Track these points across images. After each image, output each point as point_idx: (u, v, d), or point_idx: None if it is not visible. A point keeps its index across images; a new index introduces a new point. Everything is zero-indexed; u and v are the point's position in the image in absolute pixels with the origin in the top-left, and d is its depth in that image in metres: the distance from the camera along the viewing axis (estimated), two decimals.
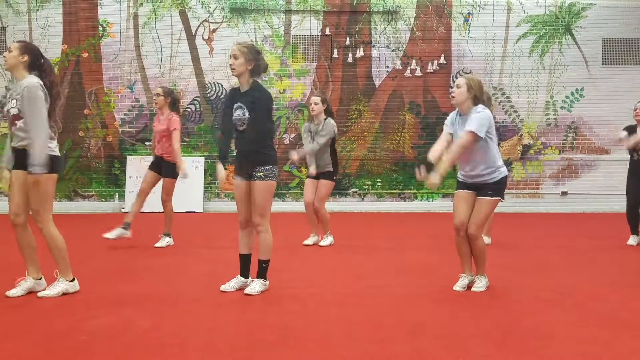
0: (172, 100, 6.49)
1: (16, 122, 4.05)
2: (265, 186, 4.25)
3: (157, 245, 6.27)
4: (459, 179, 4.47)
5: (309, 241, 6.50)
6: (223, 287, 4.30)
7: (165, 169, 6.37)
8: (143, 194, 6.37)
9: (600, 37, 11.05)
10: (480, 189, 4.34)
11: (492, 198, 4.32)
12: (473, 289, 4.38)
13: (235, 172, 4.36)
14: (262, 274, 4.34)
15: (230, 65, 4.20)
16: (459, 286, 4.39)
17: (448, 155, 4.19)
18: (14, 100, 4.05)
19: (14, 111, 4.05)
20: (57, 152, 4.15)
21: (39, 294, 4.10)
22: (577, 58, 11.07)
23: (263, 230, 4.28)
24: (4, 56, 4.10)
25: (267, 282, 4.36)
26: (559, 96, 11.09)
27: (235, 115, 4.23)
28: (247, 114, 4.18)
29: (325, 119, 6.33)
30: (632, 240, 6.65)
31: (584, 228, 8.37)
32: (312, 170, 6.29)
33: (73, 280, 4.22)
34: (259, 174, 4.23)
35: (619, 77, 11.02)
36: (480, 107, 4.25)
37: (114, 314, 3.72)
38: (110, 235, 6.19)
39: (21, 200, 4.10)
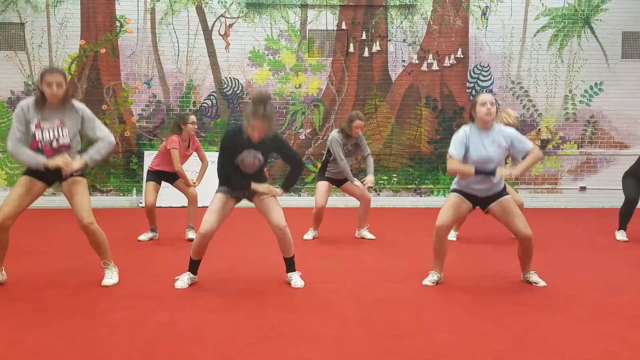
0: None
1: (63, 151, 4.11)
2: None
3: (189, 237, 6.39)
4: (462, 190, 4.46)
5: (309, 236, 6.63)
6: (178, 285, 4.32)
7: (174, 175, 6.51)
8: (154, 208, 6.39)
9: (620, 30, 10.87)
10: (488, 198, 4.43)
11: (509, 195, 4.50)
12: (539, 284, 4.45)
13: (224, 191, 4.39)
14: (294, 267, 4.54)
15: (257, 134, 4.19)
16: (429, 281, 4.47)
17: (527, 162, 4.27)
18: (65, 130, 4.08)
19: (64, 141, 4.10)
20: None
21: (105, 283, 4.29)
22: (596, 52, 10.91)
23: (288, 229, 4.41)
24: (55, 89, 3.98)
25: None
26: (577, 90, 10.95)
27: (248, 161, 4.29)
28: (262, 160, 4.34)
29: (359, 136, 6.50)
30: (621, 235, 6.65)
31: (602, 223, 8.27)
32: (370, 178, 6.42)
33: None
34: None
35: (639, 71, 10.86)
36: (508, 127, 4.41)
37: (134, 307, 3.77)
38: (143, 237, 6.42)
39: (22, 208, 4.12)
